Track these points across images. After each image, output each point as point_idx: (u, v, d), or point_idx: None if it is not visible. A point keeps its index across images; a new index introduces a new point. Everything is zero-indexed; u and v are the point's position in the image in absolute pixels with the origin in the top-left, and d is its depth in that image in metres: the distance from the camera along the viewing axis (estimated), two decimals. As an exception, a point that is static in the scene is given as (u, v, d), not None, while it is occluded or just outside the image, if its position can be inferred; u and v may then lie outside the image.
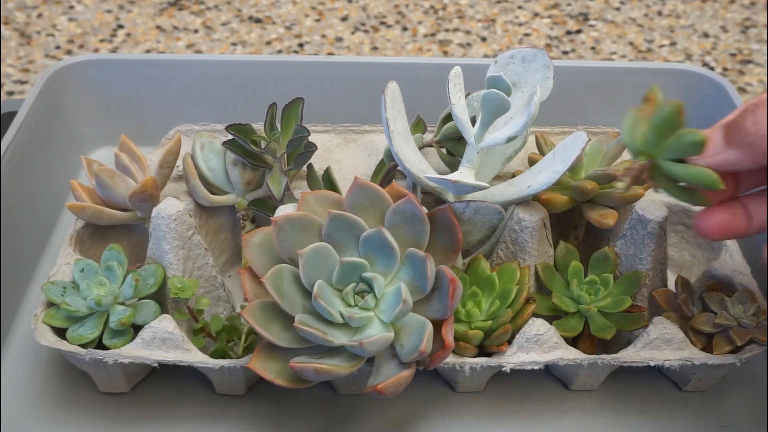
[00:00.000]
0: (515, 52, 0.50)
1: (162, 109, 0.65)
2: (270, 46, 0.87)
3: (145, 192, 0.48)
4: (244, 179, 0.51)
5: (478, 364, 0.45)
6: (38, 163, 0.58)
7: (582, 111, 0.65)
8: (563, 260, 0.49)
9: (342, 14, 0.92)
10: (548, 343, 0.45)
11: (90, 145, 0.66)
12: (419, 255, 0.40)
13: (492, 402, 0.49)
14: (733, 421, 0.48)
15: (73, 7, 0.92)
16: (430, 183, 0.47)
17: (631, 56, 0.87)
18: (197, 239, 0.48)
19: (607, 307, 0.47)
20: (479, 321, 0.45)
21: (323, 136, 0.58)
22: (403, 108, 0.48)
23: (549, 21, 0.92)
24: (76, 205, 0.49)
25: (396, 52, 0.86)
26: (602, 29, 0.91)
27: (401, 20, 0.92)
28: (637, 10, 0.94)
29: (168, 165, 0.51)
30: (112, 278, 0.46)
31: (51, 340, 0.44)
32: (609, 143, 0.51)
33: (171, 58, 0.64)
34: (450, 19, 0.92)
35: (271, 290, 0.40)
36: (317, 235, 0.42)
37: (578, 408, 0.49)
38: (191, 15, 0.91)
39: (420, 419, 0.48)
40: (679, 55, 0.87)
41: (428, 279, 0.40)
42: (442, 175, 0.44)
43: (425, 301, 0.42)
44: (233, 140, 0.49)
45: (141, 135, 0.58)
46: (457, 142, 0.52)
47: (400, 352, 0.41)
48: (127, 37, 0.87)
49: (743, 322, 0.45)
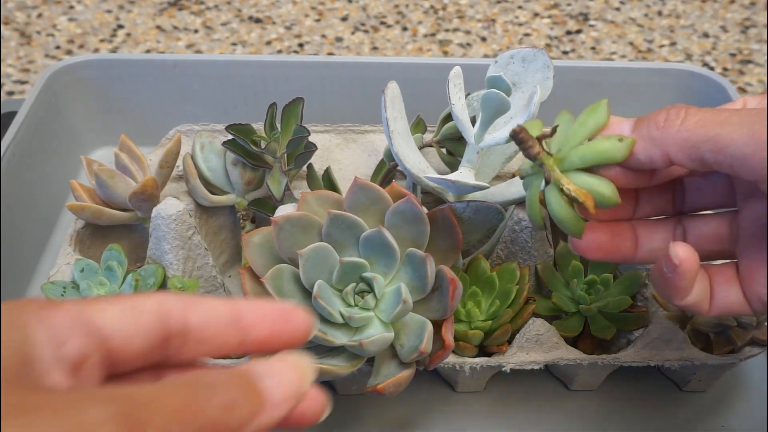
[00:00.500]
0: (515, 52, 0.50)
1: (162, 109, 0.65)
2: (270, 46, 0.87)
3: (145, 192, 0.48)
4: (244, 179, 0.51)
5: (478, 364, 0.45)
6: (38, 163, 0.58)
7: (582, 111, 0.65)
8: (563, 260, 0.49)
9: (342, 14, 0.92)
10: (548, 343, 0.45)
11: (90, 145, 0.66)
12: (419, 255, 0.40)
13: (492, 402, 0.49)
14: (733, 421, 0.48)
15: (73, 7, 0.92)
16: (430, 183, 0.46)
17: (631, 56, 0.86)
18: (197, 239, 0.48)
19: (607, 307, 0.47)
20: (479, 321, 0.45)
21: (323, 136, 0.58)
22: (403, 108, 0.48)
23: (549, 21, 0.92)
24: (76, 205, 0.49)
25: (396, 52, 0.86)
26: (602, 29, 0.91)
27: (401, 20, 0.92)
28: (637, 10, 0.94)
29: (168, 165, 0.51)
30: (112, 278, 0.46)
31: (51, 340, 0.44)
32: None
33: (171, 58, 0.64)
34: (450, 19, 0.92)
35: (271, 290, 0.40)
36: (317, 235, 0.42)
37: (578, 408, 0.49)
38: (191, 15, 0.91)
39: (420, 419, 0.48)
40: (679, 55, 0.87)
41: (428, 279, 0.40)
42: (442, 175, 0.44)
43: (425, 301, 0.42)
44: (233, 140, 0.49)
45: (141, 135, 0.58)
46: (457, 142, 0.52)
47: (400, 352, 0.41)
48: (127, 37, 0.87)
49: (743, 322, 0.45)
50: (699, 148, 0.30)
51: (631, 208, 0.36)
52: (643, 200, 0.36)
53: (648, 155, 0.31)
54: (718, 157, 0.30)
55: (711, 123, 0.30)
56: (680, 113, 0.31)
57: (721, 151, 0.29)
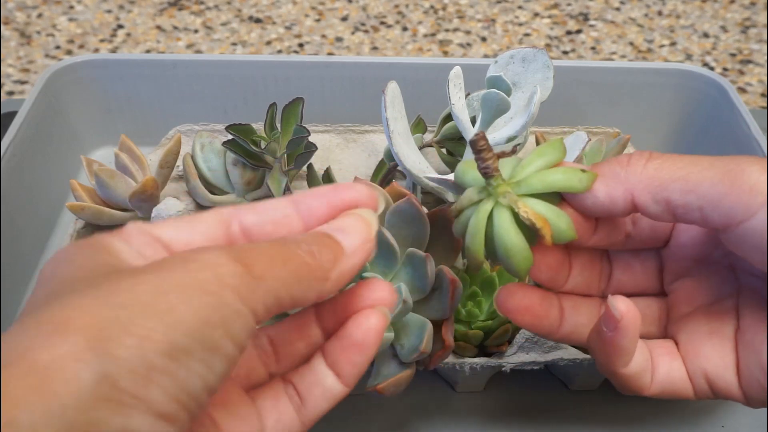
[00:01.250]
0: (515, 52, 0.50)
1: (162, 109, 0.65)
2: (270, 46, 0.87)
3: (145, 192, 0.48)
4: (244, 179, 0.51)
5: (478, 364, 0.45)
6: (38, 163, 0.58)
7: (582, 111, 0.65)
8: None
9: (342, 14, 0.92)
10: (548, 343, 0.45)
11: (90, 145, 0.66)
12: (419, 255, 0.40)
13: (492, 402, 0.49)
14: (733, 421, 0.48)
15: (73, 7, 0.92)
16: (430, 183, 0.46)
17: (631, 56, 0.87)
18: (197, 239, 0.48)
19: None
20: (479, 321, 0.45)
21: (323, 136, 0.58)
22: (403, 108, 0.48)
23: (549, 21, 0.92)
24: (76, 205, 0.49)
25: (396, 52, 0.86)
26: (602, 29, 0.91)
27: (401, 20, 0.92)
28: (637, 10, 0.94)
29: (168, 165, 0.51)
30: (112, 278, 0.46)
31: (51, 340, 0.44)
32: (609, 143, 0.51)
33: (171, 58, 0.64)
34: (450, 19, 0.92)
35: (271, 290, 0.40)
36: (317, 235, 0.42)
37: (578, 408, 0.49)
38: (191, 15, 0.91)
39: (420, 419, 0.48)
40: (679, 55, 0.87)
41: (428, 279, 0.40)
42: (442, 175, 0.44)
43: (425, 301, 0.42)
44: (233, 140, 0.49)
45: (141, 135, 0.58)
46: (457, 142, 0.52)
47: (400, 352, 0.41)
48: (127, 37, 0.87)
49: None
50: (667, 188, 0.27)
51: (565, 277, 0.33)
52: (575, 272, 0.33)
53: (609, 194, 0.28)
54: (687, 198, 0.27)
55: (680, 162, 0.28)
56: (644, 155, 0.29)
57: (691, 191, 0.27)
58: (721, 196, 0.26)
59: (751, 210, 0.26)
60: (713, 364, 0.31)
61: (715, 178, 0.27)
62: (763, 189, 0.26)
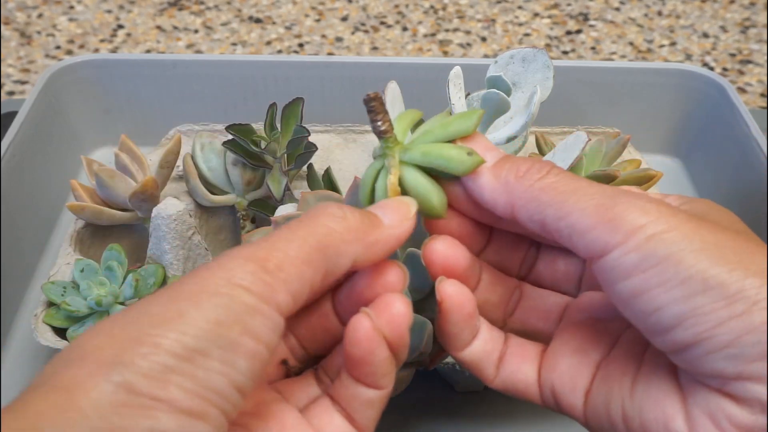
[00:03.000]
0: (515, 52, 0.50)
1: (162, 109, 0.65)
2: (270, 46, 0.87)
3: (145, 192, 0.48)
4: (244, 179, 0.51)
5: (478, 364, 0.45)
6: (38, 163, 0.58)
7: (582, 111, 0.65)
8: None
9: (342, 14, 0.92)
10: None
11: (90, 145, 0.66)
12: (419, 255, 0.40)
13: (492, 402, 0.49)
14: (733, 421, 0.48)
15: (73, 7, 0.92)
16: (430, 183, 0.46)
17: (631, 56, 0.87)
18: (197, 239, 0.48)
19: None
20: (479, 321, 0.45)
21: (323, 136, 0.58)
22: (403, 108, 0.48)
23: (549, 21, 0.92)
24: (76, 205, 0.49)
25: (396, 52, 0.86)
26: (602, 29, 0.91)
27: (401, 20, 0.92)
28: (637, 10, 0.94)
29: (168, 165, 0.51)
30: (112, 278, 0.46)
31: (51, 340, 0.44)
32: (609, 143, 0.51)
33: (171, 58, 0.64)
34: (450, 19, 0.92)
35: (271, 290, 0.40)
36: (317, 235, 0.42)
37: (578, 408, 0.49)
38: (191, 15, 0.91)
39: (420, 419, 0.48)
40: (679, 55, 0.87)
41: (428, 279, 0.40)
42: (442, 175, 0.44)
43: (425, 301, 0.42)
44: (233, 140, 0.49)
45: (141, 135, 0.58)
46: (457, 142, 0.52)
47: (400, 352, 0.41)
48: (127, 37, 0.87)
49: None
50: (544, 212, 0.27)
51: (482, 242, 0.32)
52: (491, 249, 0.33)
53: (493, 197, 0.29)
54: (559, 224, 0.27)
55: (566, 188, 0.27)
56: (543, 170, 0.28)
57: (563, 218, 0.27)
58: (588, 228, 0.26)
59: (608, 248, 0.25)
60: (562, 382, 0.30)
61: (587, 210, 0.26)
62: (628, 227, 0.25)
